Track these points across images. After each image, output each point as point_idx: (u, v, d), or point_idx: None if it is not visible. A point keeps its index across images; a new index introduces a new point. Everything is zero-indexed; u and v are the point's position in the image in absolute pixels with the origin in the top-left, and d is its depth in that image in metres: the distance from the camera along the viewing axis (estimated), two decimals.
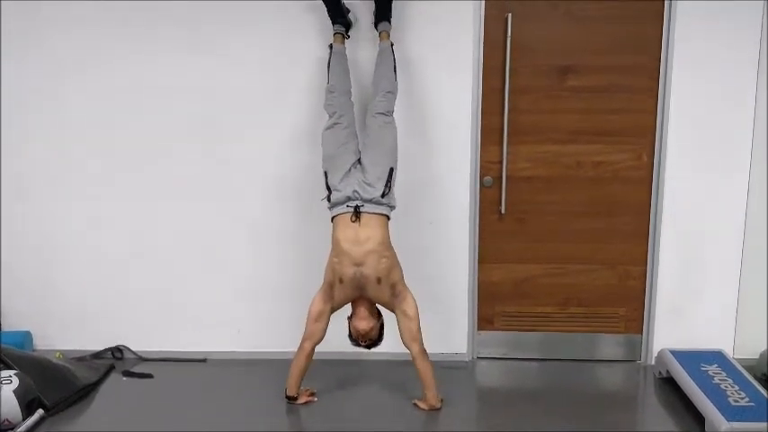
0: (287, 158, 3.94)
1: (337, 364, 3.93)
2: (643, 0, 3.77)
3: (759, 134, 3.80)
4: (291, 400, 3.56)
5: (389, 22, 3.70)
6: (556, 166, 3.95)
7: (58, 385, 3.57)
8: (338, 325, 3.51)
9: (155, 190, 4.00)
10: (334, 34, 3.69)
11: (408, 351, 3.47)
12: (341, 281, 3.38)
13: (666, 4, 3.75)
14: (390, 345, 3.58)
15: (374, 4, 3.68)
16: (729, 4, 3.67)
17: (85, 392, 3.68)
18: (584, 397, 3.72)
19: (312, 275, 3.48)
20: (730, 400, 3.37)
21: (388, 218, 3.48)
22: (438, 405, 3.53)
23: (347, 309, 3.51)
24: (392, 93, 3.61)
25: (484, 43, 3.84)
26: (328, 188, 3.48)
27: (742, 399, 3.38)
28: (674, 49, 3.74)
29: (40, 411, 3.39)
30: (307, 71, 3.84)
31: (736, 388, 3.48)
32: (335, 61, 3.65)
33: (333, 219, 3.47)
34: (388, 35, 3.70)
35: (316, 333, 3.46)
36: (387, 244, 3.42)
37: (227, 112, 3.90)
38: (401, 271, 3.46)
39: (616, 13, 3.79)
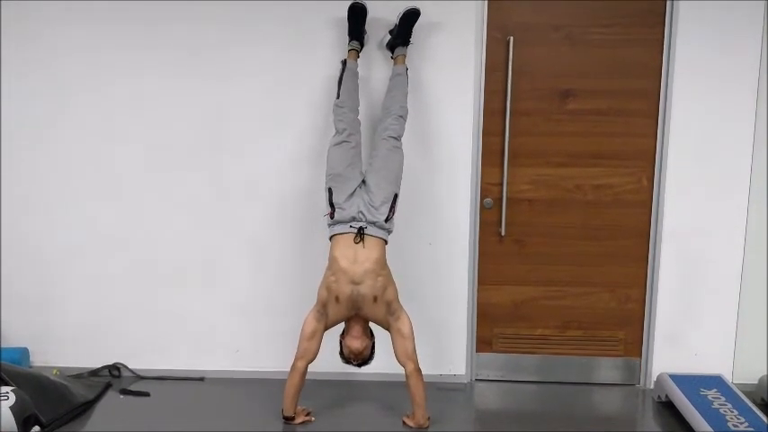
0: (287, 178, 3.95)
1: (330, 384, 3.91)
2: (644, 26, 3.81)
3: (758, 159, 3.82)
4: (288, 420, 3.54)
5: (406, 46, 3.71)
6: (556, 188, 3.97)
7: (54, 402, 3.55)
8: (333, 344, 3.51)
9: (155, 208, 4.00)
10: (349, 50, 3.70)
11: (403, 369, 3.45)
12: (337, 299, 3.37)
13: (667, 29, 3.79)
14: (384, 364, 3.58)
15: (397, 28, 3.68)
16: (729, 31, 3.72)
17: (82, 410, 3.66)
18: (582, 421, 3.70)
19: (312, 296, 3.47)
20: (730, 425, 3.36)
21: (386, 241, 3.49)
22: (426, 424, 3.52)
23: (339, 328, 3.51)
24: (403, 117, 3.62)
25: (486, 66, 3.87)
26: (332, 205, 3.48)
27: (741, 423, 3.37)
28: (674, 73, 3.77)
29: (37, 428, 3.37)
30: (308, 91, 3.86)
31: (736, 413, 3.47)
32: (347, 77, 3.64)
33: (331, 237, 3.47)
34: (404, 58, 3.71)
35: (309, 352, 3.45)
36: (383, 263, 3.43)
37: (229, 131, 3.92)
38: (396, 290, 3.46)
39: (617, 38, 3.83)
